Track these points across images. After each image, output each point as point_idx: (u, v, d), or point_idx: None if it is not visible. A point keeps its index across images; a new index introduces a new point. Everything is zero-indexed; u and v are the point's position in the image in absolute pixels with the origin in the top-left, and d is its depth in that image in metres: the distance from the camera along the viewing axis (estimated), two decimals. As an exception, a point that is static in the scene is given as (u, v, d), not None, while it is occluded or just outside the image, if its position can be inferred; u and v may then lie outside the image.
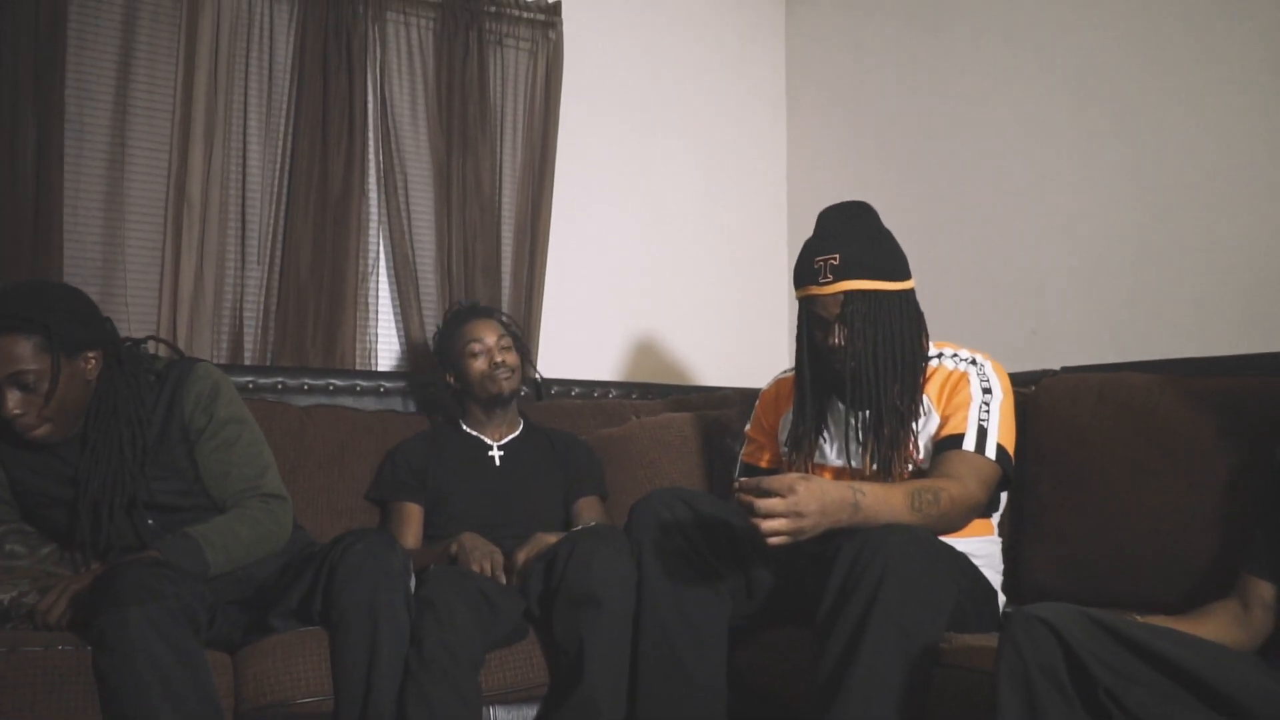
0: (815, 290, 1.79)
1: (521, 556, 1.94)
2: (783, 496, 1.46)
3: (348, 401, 2.46)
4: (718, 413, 2.50)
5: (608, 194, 3.09)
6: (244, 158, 2.56)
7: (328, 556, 1.65)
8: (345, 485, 2.22)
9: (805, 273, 1.82)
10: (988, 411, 1.79)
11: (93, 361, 1.73)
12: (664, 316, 3.16)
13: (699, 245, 3.23)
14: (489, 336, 2.32)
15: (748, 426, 2.13)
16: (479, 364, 2.30)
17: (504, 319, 2.47)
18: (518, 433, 2.38)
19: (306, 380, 2.45)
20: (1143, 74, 2.40)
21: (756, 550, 1.78)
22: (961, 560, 1.69)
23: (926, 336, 1.87)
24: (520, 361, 2.36)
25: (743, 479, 1.50)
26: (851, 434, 1.85)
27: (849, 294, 1.76)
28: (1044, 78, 2.62)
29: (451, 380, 2.37)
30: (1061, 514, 1.97)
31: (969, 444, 1.75)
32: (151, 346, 2.02)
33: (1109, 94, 2.47)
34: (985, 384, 1.82)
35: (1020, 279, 2.67)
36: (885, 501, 1.57)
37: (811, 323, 1.83)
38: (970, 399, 1.80)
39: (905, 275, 1.84)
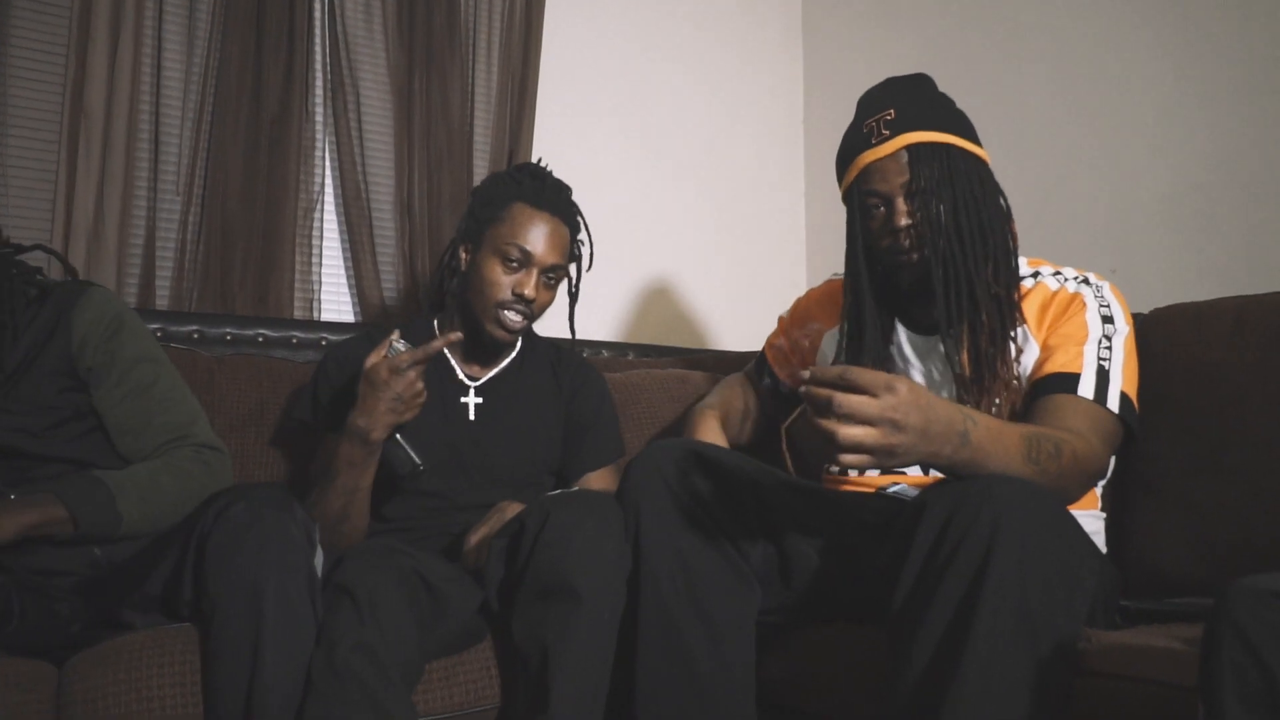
0: (868, 156, 1.38)
1: (477, 536, 1.46)
2: (876, 396, 1.01)
3: (282, 355, 1.99)
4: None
5: (597, 125, 2.67)
6: (158, 64, 2.11)
7: (199, 522, 1.18)
8: (263, 451, 1.75)
9: (852, 145, 1.42)
10: (1109, 349, 1.36)
11: None
12: (664, 269, 2.73)
13: (702, 184, 2.82)
14: (541, 246, 1.60)
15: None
16: (502, 278, 1.60)
17: (575, 241, 1.73)
18: (509, 361, 1.74)
19: (229, 329, 2.00)
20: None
21: (796, 519, 1.32)
22: (1087, 536, 1.23)
23: (1013, 225, 1.45)
24: (552, 302, 1.69)
25: (816, 367, 1.05)
26: (928, 361, 1.42)
27: (914, 149, 1.35)
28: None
29: (464, 257, 1.68)
30: (1190, 478, 1.52)
31: (1087, 389, 1.32)
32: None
33: (1209, -23, 2.04)
34: (1105, 310, 1.40)
35: (1097, 207, 2.23)
36: (999, 440, 1.12)
37: (865, 212, 1.40)
38: (1087, 330, 1.37)
39: (979, 143, 1.44)
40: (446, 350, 1.70)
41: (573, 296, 1.82)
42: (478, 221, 1.66)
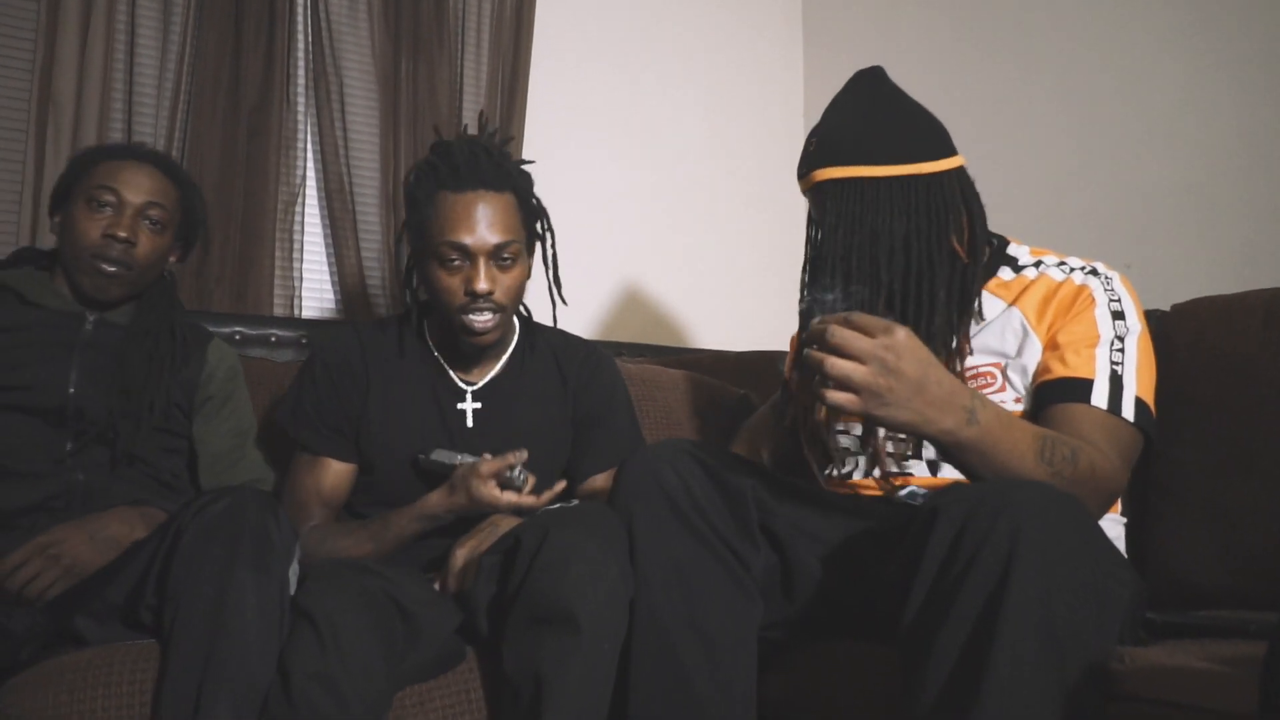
0: (800, 188, 1.40)
1: (464, 550, 1.35)
2: (872, 336, 0.99)
3: (259, 354, 1.90)
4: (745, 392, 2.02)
5: (592, 116, 2.59)
6: (131, 49, 2.03)
7: (173, 524, 1.10)
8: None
9: (798, 171, 1.42)
10: (1122, 350, 1.27)
11: (175, 256, 1.61)
12: (660, 265, 2.64)
13: (700, 179, 2.73)
14: (477, 230, 1.40)
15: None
16: (450, 282, 1.43)
17: (529, 198, 1.51)
18: (507, 359, 1.58)
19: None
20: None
21: (798, 525, 1.23)
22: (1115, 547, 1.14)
23: (978, 235, 1.36)
24: (523, 281, 1.49)
25: (824, 317, 1.03)
26: None
27: (817, 187, 1.34)
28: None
29: (414, 271, 1.52)
30: (1218, 482, 1.44)
31: (1100, 398, 1.23)
32: None
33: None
34: (1116, 306, 1.31)
35: (1112, 198, 2.14)
36: (1008, 429, 1.06)
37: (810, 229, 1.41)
38: (1097, 330, 1.28)
39: (918, 155, 1.34)
40: (439, 354, 1.56)
41: (550, 263, 1.58)
42: (413, 230, 1.49)
